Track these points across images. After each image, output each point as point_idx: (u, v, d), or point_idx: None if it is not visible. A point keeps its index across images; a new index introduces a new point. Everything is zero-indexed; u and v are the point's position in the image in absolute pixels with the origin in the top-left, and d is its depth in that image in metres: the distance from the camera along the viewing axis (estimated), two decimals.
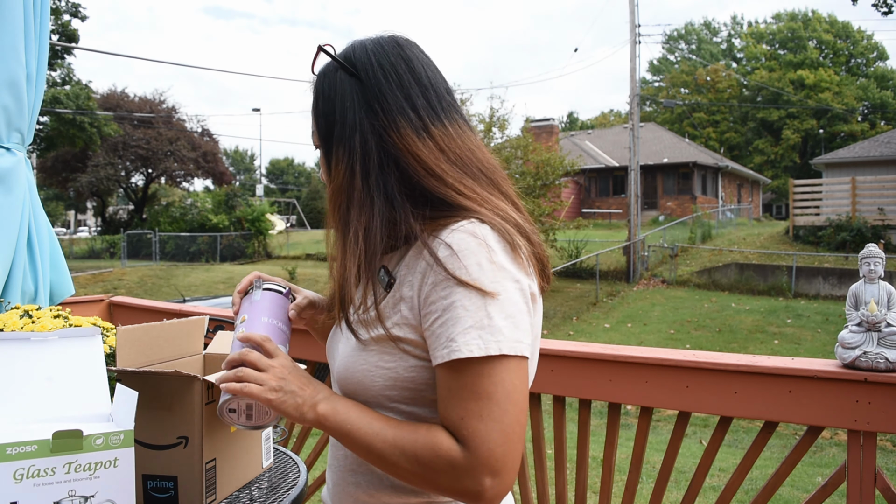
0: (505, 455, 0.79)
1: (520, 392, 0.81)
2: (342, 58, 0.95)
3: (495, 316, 0.80)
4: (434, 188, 0.88)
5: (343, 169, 0.92)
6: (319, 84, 0.96)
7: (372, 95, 0.91)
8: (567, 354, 1.88)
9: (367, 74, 0.92)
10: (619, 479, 2.75)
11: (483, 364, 0.80)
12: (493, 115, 17.23)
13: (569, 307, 15.16)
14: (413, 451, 0.82)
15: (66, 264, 2.27)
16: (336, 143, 0.93)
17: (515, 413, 0.80)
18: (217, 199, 28.78)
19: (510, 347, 0.80)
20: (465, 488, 0.80)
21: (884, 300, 1.55)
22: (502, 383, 0.80)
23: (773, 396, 1.61)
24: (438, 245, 0.84)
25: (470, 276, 0.81)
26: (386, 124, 0.90)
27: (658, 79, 50.20)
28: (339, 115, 0.93)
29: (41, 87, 2.11)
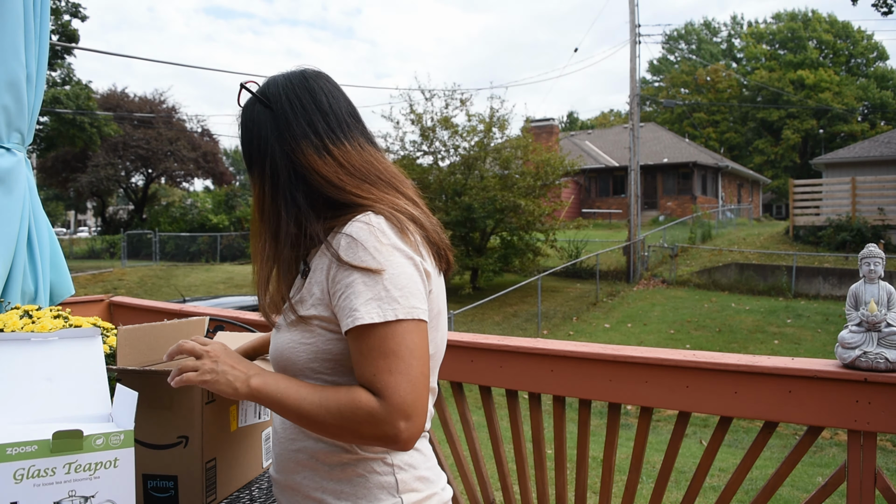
0: (415, 401, 0.93)
1: (420, 348, 0.96)
2: (259, 93, 1.11)
3: (390, 288, 0.96)
4: (336, 195, 1.05)
5: (258, 188, 1.09)
6: (242, 117, 1.12)
7: (281, 124, 1.08)
8: (567, 354, 1.89)
9: (277, 106, 1.09)
10: (619, 479, 2.75)
11: (385, 328, 0.94)
12: (493, 115, 17.21)
13: (569, 307, 15.16)
14: (337, 408, 0.94)
15: (66, 264, 2.27)
16: (254, 166, 1.09)
17: (419, 366, 0.95)
18: (217, 199, 28.80)
19: (406, 312, 0.95)
20: (384, 433, 0.93)
21: (884, 300, 1.55)
22: (404, 342, 0.94)
23: (773, 396, 1.61)
24: (340, 236, 1.00)
25: (365, 257, 0.97)
26: (292, 148, 1.06)
27: (658, 79, 50.19)
28: (256, 142, 1.09)
29: (41, 87, 2.11)
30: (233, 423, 1.36)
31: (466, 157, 17.12)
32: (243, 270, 21.36)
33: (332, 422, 0.95)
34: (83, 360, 1.17)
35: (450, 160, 17.56)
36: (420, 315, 0.97)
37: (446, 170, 17.15)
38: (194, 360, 1.02)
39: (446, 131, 17.38)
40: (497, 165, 17.07)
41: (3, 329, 1.37)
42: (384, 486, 1.03)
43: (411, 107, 17.63)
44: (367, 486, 1.03)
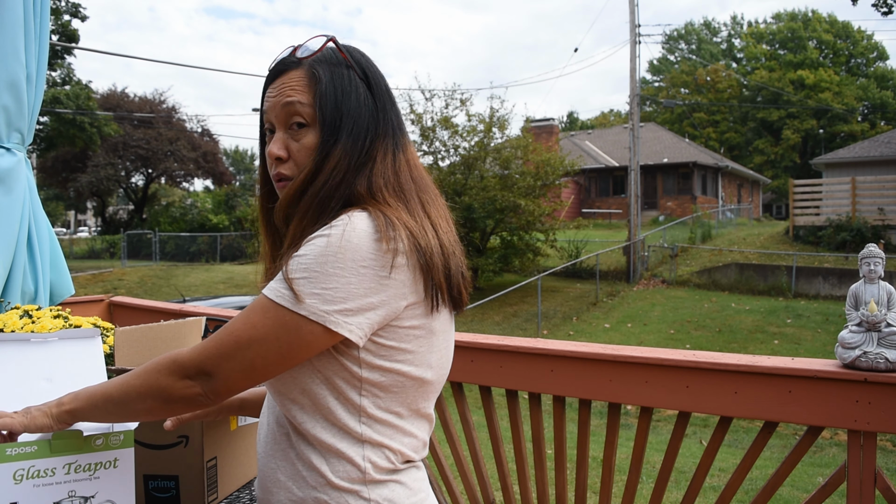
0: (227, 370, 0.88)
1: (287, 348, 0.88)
2: (356, 63, 1.01)
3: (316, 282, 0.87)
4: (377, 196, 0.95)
5: (345, 163, 0.96)
6: (330, 72, 0.99)
7: (378, 104, 1.00)
8: (567, 354, 1.89)
9: (375, 84, 1.01)
10: (619, 479, 2.75)
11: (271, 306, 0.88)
12: (493, 115, 17.21)
13: (569, 307, 15.15)
14: (143, 368, 0.94)
15: (66, 264, 2.27)
16: (345, 136, 0.96)
17: (263, 356, 0.88)
18: (217, 199, 28.80)
19: (308, 311, 0.86)
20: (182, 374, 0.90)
21: (884, 300, 1.55)
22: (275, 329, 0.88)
23: (773, 396, 1.61)
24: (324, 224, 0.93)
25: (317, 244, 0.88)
26: (380, 134, 0.99)
27: (658, 79, 50.18)
28: (355, 110, 0.98)
29: (41, 88, 2.11)
30: (233, 422, 1.36)
31: (466, 157, 17.12)
32: (243, 270, 21.35)
33: (134, 385, 0.93)
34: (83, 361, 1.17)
35: (450, 160, 17.56)
36: (329, 323, 0.86)
37: (446, 170, 17.15)
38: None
39: (446, 131, 17.38)
40: (497, 165, 17.07)
41: (3, 329, 1.37)
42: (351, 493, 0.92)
43: (411, 107, 17.63)
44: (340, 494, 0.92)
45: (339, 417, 0.92)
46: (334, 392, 0.92)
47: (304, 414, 0.93)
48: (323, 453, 0.93)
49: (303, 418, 0.93)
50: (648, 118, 43.06)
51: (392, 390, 0.94)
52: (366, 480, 0.92)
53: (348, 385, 0.92)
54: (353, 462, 0.92)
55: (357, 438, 0.93)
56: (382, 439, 0.94)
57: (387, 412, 0.94)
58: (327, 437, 0.92)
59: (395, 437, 0.96)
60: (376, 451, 0.94)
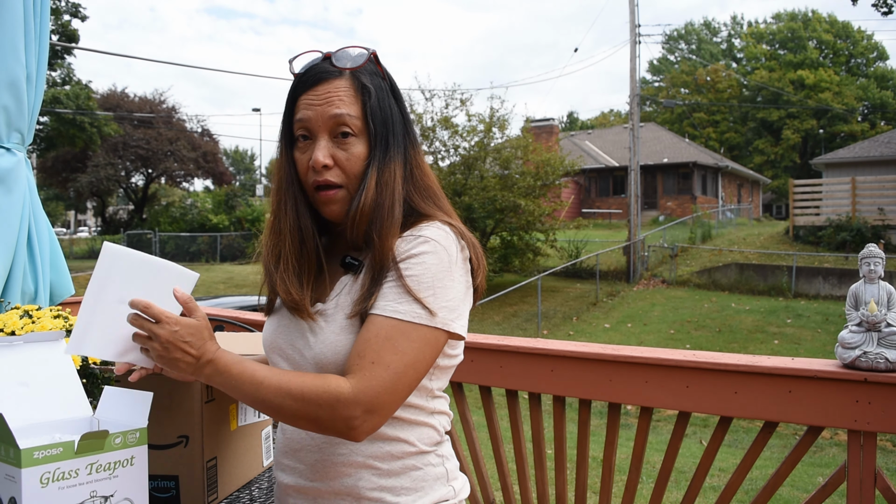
0: (389, 402, 0.95)
1: (426, 363, 0.99)
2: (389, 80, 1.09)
3: (439, 295, 0.98)
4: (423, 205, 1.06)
5: (400, 172, 1.05)
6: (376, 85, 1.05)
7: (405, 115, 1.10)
8: (567, 354, 1.89)
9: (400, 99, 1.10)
10: (619, 479, 2.75)
11: (410, 327, 0.96)
12: (493, 115, 17.20)
13: (569, 307, 15.15)
14: (300, 390, 0.93)
15: (66, 264, 2.27)
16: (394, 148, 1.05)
17: (413, 377, 0.97)
18: (217, 199, 28.78)
19: (441, 322, 0.97)
20: (344, 416, 0.93)
21: (884, 300, 1.55)
22: (417, 349, 0.96)
23: (773, 396, 1.61)
24: (411, 237, 1.01)
25: (427, 259, 0.98)
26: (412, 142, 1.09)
27: (658, 79, 50.17)
28: (392, 122, 1.06)
29: (41, 87, 2.11)
30: (233, 422, 1.36)
31: (466, 157, 17.11)
32: (243, 270, 21.34)
33: (289, 406, 0.93)
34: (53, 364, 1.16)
35: (450, 160, 17.56)
36: (453, 329, 0.99)
37: (446, 170, 17.15)
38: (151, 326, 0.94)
39: (446, 131, 17.38)
40: (497, 165, 17.06)
41: (3, 329, 1.37)
42: (438, 477, 1.08)
43: (411, 107, 17.61)
44: (425, 479, 1.06)
45: (415, 399, 1.06)
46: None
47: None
48: (406, 427, 1.05)
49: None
50: (648, 118, 43.04)
51: (447, 372, 1.11)
52: (439, 441, 1.10)
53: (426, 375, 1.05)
54: (433, 427, 1.09)
55: (430, 411, 1.09)
56: (442, 408, 1.12)
57: (439, 388, 1.11)
58: (407, 415, 1.05)
59: (444, 404, 1.13)
60: (442, 417, 1.12)
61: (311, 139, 1.03)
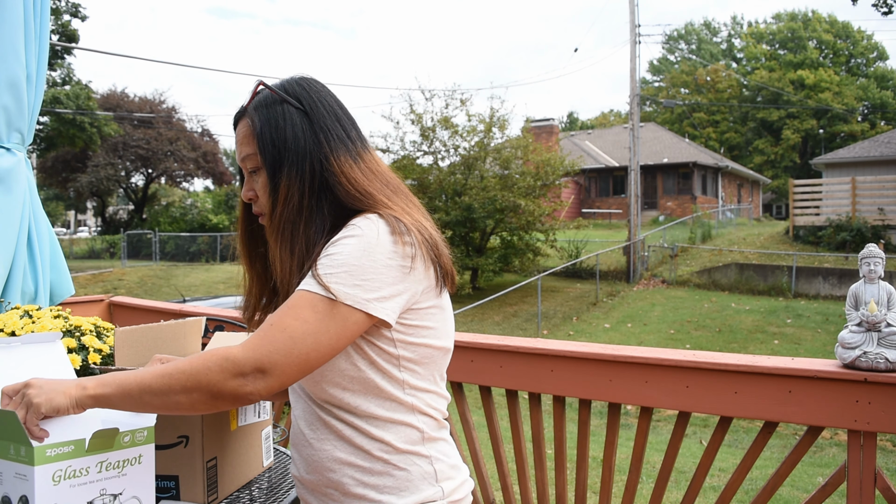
0: (282, 366, 0.93)
1: (332, 338, 0.97)
2: (286, 94, 1.10)
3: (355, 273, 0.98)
4: (359, 203, 1.06)
5: (295, 190, 1.06)
6: (264, 114, 1.09)
7: (318, 126, 1.09)
8: (567, 354, 1.89)
9: (311, 107, 1.10)
10: (619, 479, 2.75)
11: (316, 298, 0.96)
12: (493, 115, 17.21)
13: (569, 307, 15.15)
14: (188, 363, 0.94)
15: (66, 264, 2.27)
16: (287, 168, 1.07)
17: (312, 346, 0.95)
18: (217, 199, 28.80)
19: (350, 299, 0.97)
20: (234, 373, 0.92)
21: (884, 300, 1.55)
22: (323, 320, 0.96)
23: (773, 396, 1.61)
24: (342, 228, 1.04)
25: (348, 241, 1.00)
26: (328, 152, 1.07)
27: (658, 79, 50.16)
28: (291, 142, 1.07)
29: (41, 87, 2.11)
30: (232, 422, 1.36)
31: (466, 157, 17.11)
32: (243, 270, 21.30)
33: (178, 378, 0.93)
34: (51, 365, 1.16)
35: (450, 160, 17.56)
36: (370, 309, 0.98)
37: (446, 170, 17.15)
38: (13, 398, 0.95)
39: (446, 131, 17.38)
40: (497, 165, 17.07)
41: (3, 329, 1.37)
42: (425, 477, 1.07)
43: (411, 107, 17.62)
44: (410, 478, 1.06)
45: (389, 393, 1.05)
46: (379, 373, 1.05)
47: (357, 397, 1.05)
48: (383, 425, 1.06)
49: (357, 401, 1.05)
50: (648, 118, 43.04)
51: (424, 362, 1.08)
52: (423, 440, 1.08)
53: (389, 364, 1.05)
54: (414, 427, 1.07)
55: (409, 407, 1.07)
56: (430, 403, 1.10)
57: (424, 380, 1.09)
58: (383, 412, 1.05)
59: (434, 400, 1.11)
60: (423, 417, 1.09)
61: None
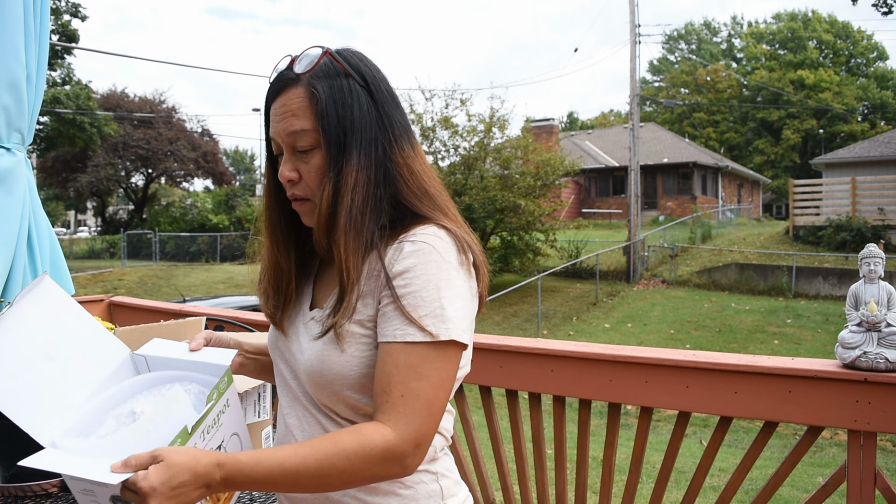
0: (428, 431, 0.90)
1: (451, 378, 0.94)
2: (353, 70, 0.99)
3: (447, 307, 0.91)
4: (419, 206, 0.98)
5: (363, 177, 0.96)
6: (328, 87, 0.97)
7: (382, 112, 0.99)
8: (567, 354, 1.88)
9: (375, 87, 0.99)
10: (619, 479, 2.75)
11: (430, 348, 0.91)
12: (493, 115, 17.21)
13: (569, 307, 15.15)
14: (345, 458, 0.86)
15: (66, 264, 2.27)
16: (356, 151, 0.96)
17: (444, 397, 0.93)
18: (217, 199, 28.79)
19: (457, 335, 0.92)
20: (397, 465, 0.89)
21: (884, 300, 1.55)
22: (441, 368, 0.92)
23: (773, 396, 1.61)
24: (404, 244, 0.94)
25: (428, 270, 0.92)
26: (392, 140, 0.99)
27: (658, 79, 50.16)
28: (358, 123, 0.97)
29: (41, 87, 2.11)
30: None
31: (466, 157, 17.12)
32: (243, 270, 21.34)
33: (337, 477, 0.86)
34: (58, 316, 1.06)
35: (450, 160, 17.57)
36: (465, 340, 0.94)
37: (446, 170, 17.15)
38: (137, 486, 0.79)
39: (446, 131, 17.38)
40: (497, 165, 17.07)
41: None
42: (431, 495, 1.03)
43: (411, 107, 17.62)
44: (416, 497, 1.01)
45: None
46: None
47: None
48: None
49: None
50: (648, 118, 43.04)
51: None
52: (433, 458, 1.04)
53: None
54: None
55: None
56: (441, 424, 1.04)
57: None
58: None
59: (447, 419, 1.07)
60: (438, 436, 1.04)
61: (282, 153, 1.02)
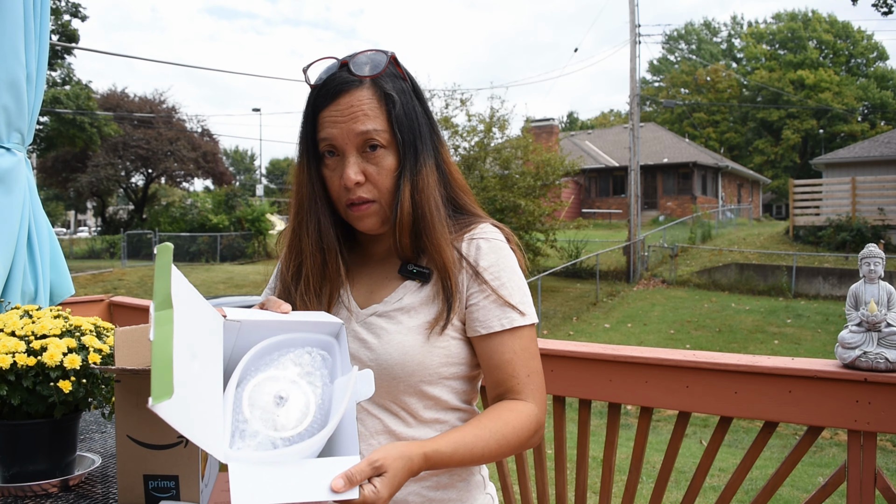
0: (546, 400, 1.07)
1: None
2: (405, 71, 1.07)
3: (526, 292, 1.06)
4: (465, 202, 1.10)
5: (434, 176, 1.05)
6: (398, 90, 1.02)
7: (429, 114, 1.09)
8: (567, 354, 1.88)
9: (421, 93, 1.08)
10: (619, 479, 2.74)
11: (531, 329, 1.04)
12: (493, 115, 17.21)
13: (569, 307, 15.15)
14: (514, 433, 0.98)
15: (66, 264, 2.27)
16: (424, 151, 1.04)
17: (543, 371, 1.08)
18: (217, 199, 28.77)
19: (535, 317, 1.06)
20: (540, 433, 1.04)
21: (884, 300, 1.55)
22: (537, 343, 1.07)
23: (773, 396, 1.61)
24: (475, 242, 1.05)
25: (506, 263, 1.05)
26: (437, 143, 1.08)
27: (658, 79, 50.16)
28: (420, 125, 1.04)
29: (41, 87, 2.11)
30: None
31: (466, 157, 17.11)
32: (243, 270, 21.35)
33: (506, 448, 0.98)
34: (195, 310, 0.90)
35: None
36: (537, 321, 1.07)
37: None
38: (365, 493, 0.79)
39: (446, 131, 17.37)
40: (497, 165, 17.07)
41: (3, 329, 1.37)
42: (478, 486, 1.11)
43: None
44: (468, 488, 1.08)
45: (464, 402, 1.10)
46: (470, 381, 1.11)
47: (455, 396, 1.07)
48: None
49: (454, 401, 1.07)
50: (648, 118, 43.03)
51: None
52: None
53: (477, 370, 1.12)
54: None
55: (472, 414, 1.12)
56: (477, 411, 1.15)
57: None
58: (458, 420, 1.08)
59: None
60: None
61: (339, 155, 1.00)
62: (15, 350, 1.27)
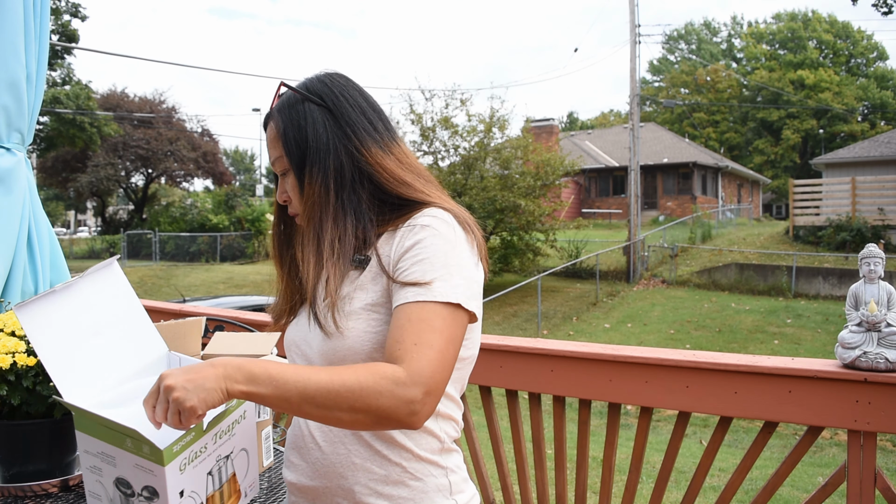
0: (440, 382, 0.91)
1: (459, 341, 0.97)
2: (307, 91, 1.09)
3: (455, 273, 0.98)
4: (403, 192, 1.06)
5: (318, 187, 1.06)
6: (287, 115, 1.09)
7: (343, 121, 1.08)
8: (567, 354, 1.89)
9: (335, 104, 1.09)
10: (619, 479, 2.75)
11: (443, 308, 0.95)
12: (493, 115, 17.21)
13: (569, 307, 15.15)
14: (355, 379, 0.88)
15: (66, 264, 2.27)
16: (310, 166, 1.07)
17: (453, 355, 0.95)
18: (217, 199, 28.76)
19: (465, 301, 0.97)
20: (405, 399, 0.88)
21: (884, 300, 1.55)
22: (452, 327, 0.95)
23: (773, 396, 1.61)
24: (413, 225, 1.02)
25: (437, 241, 0.99)
26: (357, 145, 1.07)
27: (658, 79, 50.15)
28: (312, 140, 1.07)
29: (41, 87, 2.11)
30: None
31: (466, 157, 17.12)
32: (243, 270, 21.35)
33: (346, 397, 0.87)
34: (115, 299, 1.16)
35: (450, 160, 17.57)
36: (472, 308, 0.98)
37: (446, 170, 17.15)
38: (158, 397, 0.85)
39: (446, 131, 17.39)
40: (497, 165, 17.07)
41: (3, 329, 1.37)
42: (440, 489, 1.04)
43: (411, 107, 17.64)
44: (425, 489, 1.03)
45: None
46: None
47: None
48: (406, 431, 1.01)
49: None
50: (648, 118, 43.03)
51: (462, 367, 1.07)
52: (442, 450, 1.06)
53: None
54: (434, 435, 1.05)
55: (435, 413, 1.04)
56: (450, 413, 1.07)
57: (452, 389, 1.07)
58: None
59: (455, 409, 1.09)
60: (448, 424, 1.07)
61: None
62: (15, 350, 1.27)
